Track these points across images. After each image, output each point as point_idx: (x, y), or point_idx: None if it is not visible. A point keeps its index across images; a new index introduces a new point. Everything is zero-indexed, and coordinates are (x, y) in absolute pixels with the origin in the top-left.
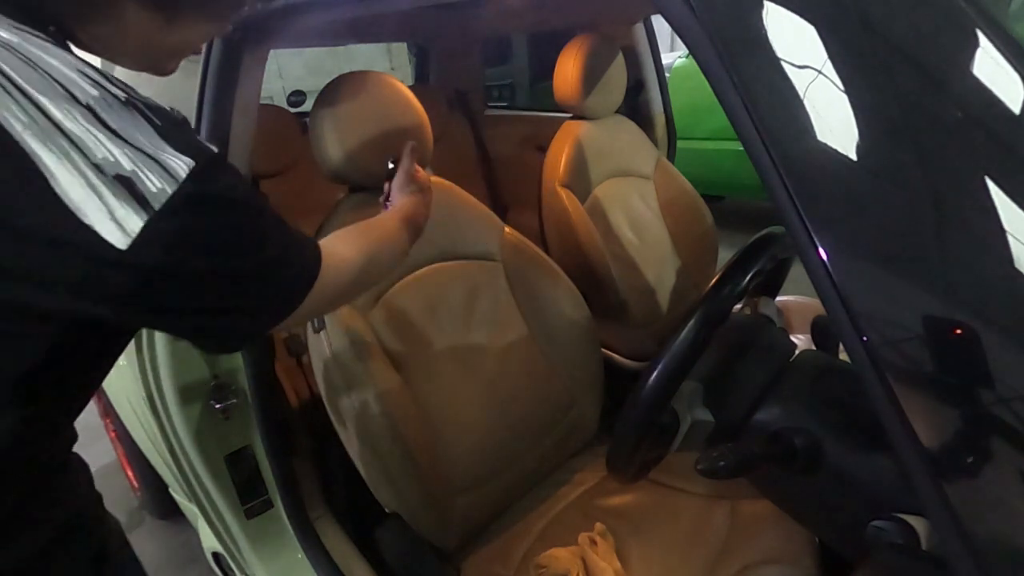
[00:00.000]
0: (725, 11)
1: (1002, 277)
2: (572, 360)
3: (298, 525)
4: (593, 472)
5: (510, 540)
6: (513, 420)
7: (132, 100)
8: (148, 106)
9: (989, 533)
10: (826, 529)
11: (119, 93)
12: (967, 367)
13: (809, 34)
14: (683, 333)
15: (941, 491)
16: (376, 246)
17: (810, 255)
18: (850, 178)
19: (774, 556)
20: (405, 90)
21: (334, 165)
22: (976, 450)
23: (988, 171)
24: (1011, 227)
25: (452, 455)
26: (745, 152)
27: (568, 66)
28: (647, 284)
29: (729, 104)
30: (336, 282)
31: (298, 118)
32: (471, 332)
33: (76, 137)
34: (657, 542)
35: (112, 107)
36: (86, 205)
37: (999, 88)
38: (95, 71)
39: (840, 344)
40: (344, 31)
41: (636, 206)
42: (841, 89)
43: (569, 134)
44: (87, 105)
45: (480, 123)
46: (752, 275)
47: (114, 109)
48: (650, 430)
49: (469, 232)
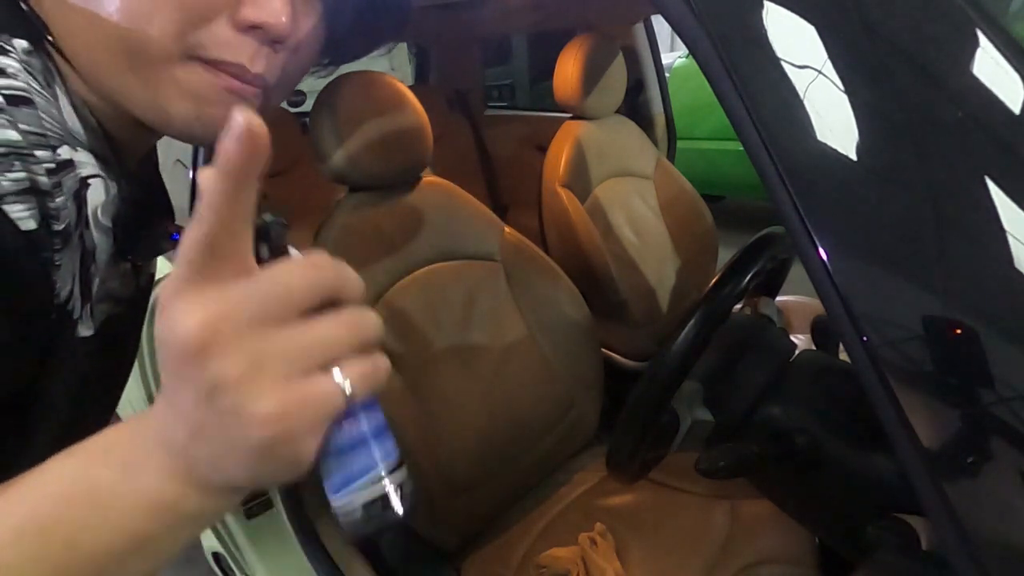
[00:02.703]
0: (725, 11)
1: (1002, 277)
2: (572, 360)
3: (298, 525)
4: (593, 472)
5: (510, 540)
6: (513, 420)
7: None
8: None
9: (989, 533)
10: (826, 529)
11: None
12: (967, 367)
13: (809, 34)
14: (683, 333)
15: (941, 491)
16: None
17: (810, 255)
18: (850, 178)
19: (774, 556)
20: (405, 90)
21: (334, 165)
22: (976, 450)
23: (988, 171)
24: (1011, 227)
25: (452, 455)
26: (745, 152)
27: (568, 66)
28: (647, 284)
29: (729, 104)
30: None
31: (298, 118)
32: (471, 332)
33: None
34: (657, 542)
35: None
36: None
37: (999, 88)
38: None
39: (840, 344)
40: None
41: (636, 206)
42: (841, 89)
43: (569, 134)
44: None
45: (480, 123)
46: (752, 275)
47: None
48: (650, 430)
49: (469, 232)
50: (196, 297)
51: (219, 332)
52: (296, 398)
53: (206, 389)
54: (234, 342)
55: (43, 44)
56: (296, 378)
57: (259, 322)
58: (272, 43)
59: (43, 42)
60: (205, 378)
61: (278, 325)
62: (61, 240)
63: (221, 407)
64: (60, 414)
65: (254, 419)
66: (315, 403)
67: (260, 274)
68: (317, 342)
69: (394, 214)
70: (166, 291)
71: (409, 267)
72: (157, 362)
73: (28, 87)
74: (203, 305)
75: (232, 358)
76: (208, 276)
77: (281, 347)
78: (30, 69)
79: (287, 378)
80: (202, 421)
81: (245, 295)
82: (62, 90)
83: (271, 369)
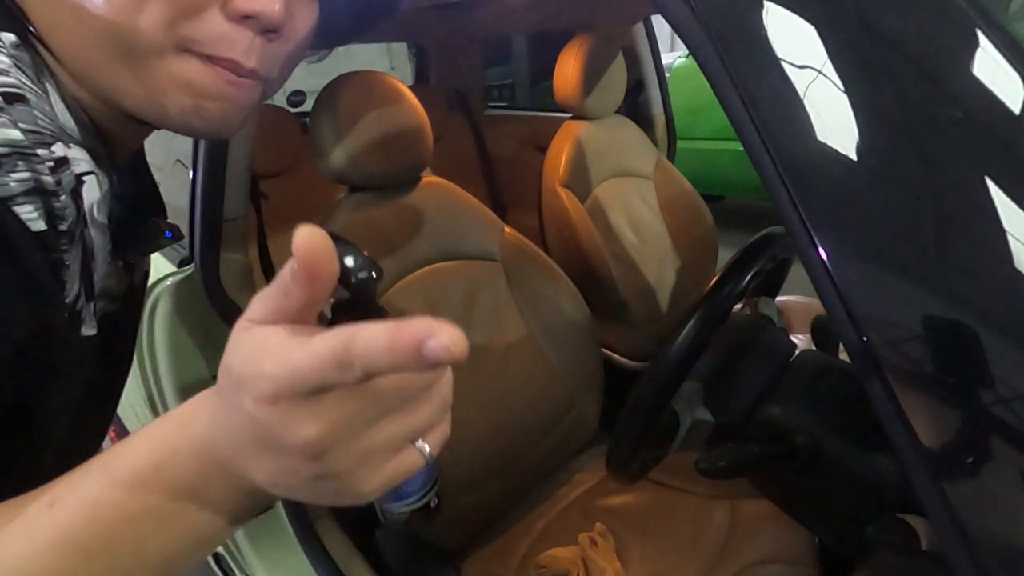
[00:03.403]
0: (725, 11)
1: (1002, 277)
2: (572, 360)
3: (298, 525)
4: (593, 472)
5: (510, 540)
6: (513, 420)
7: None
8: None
9: (989, 533)
10: (826, 529)
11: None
12: (967, 367)
13: (809, 34)
14: (683, 333)
15: (941, 491)
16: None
17: (810, 255)
18: (850, 178)
19: (774, 556)
20: (405, 90)
21: (334, 165)
22: (976, 450)
23: (988, 171)
24: (1011, 227)
25: (452, 455)
26: (745, 152)
27: (568, 66)
28: (647, 284)
29: (729, 104)
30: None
31: (298, 118)
32: (471, 332)
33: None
34: (657, 542)
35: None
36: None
37: (999, 88)
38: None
39: (840, 344)
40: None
41: (636, 206)
42: (841, 89)
43: (569, 134)
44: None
45: (480, 123)
46: (752, 275)
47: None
48: (650, 430)
49: (469, 232)
50: (315, 406)
51: (339, 440)
52: (392, 474)
53: (312, 475)
54: (350, 442)
55: (28, 38)
56: (393, 456)
57: (374, 423)
58: (266, 32)
59: (27, 36)
60: (315, 470)
61: (388, 420)
62: (67, 240)
63: (321, 488)
64: (66, 415)
65: (352, 496)
66: (405, 472)
67: (381, 381)
68: (417, 428)
69: (394, 214)
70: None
71: (409, 267)
72: (156, 360)
73: (20, 83)
74: (323, 415)
75: (346, 456)
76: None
77: (388, 437)
78: (19, 64)
79: (387, 459)
80: (294, 485)
81: (365, 403)
82: (52, 85)
83: (377, 458)
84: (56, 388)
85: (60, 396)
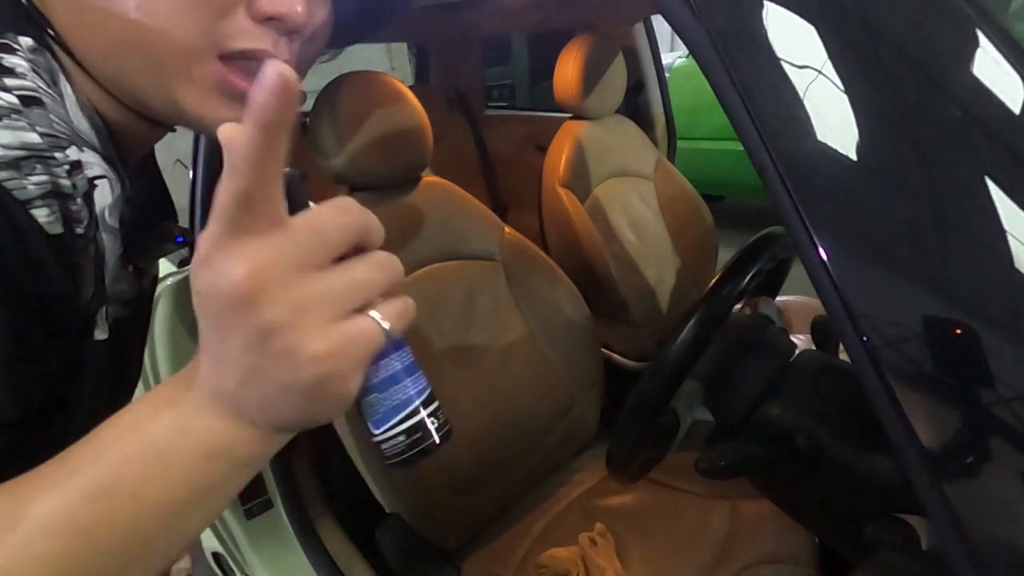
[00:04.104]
0: (725, 11)
1: (1002, 277)
2: (572, 360)
3: (298, 525)
4: (593, 472)
5: (510, 540)
6: (513, 420)
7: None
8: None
9: (989, 533)
10: (826, 529)
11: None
12: (967, 367)
13: (809, 34)
14: (683, 333)
15: (941, 491)
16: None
17: (810, 255)
18: (850, 178)
19: (774, 556)
20: (405, 90)
21: (334, 165)
22: (976, 450)
23: (988, 171)
24: (1011, 227)
25: (452, 455)
26: (745, 152)
27: (568, 66)
28: (647, 284)
29: (729, 104)
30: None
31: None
32: (471, 332)
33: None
34: (657, 542)
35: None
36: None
37: (999, 88)
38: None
39: (840, 344)
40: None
41: (636, 206)
42: (841, 89)
43: (569, 134)
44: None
45: (480, 123)
46: (752, 275)
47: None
48: (650, 430)
49: (469, 232)
50: (238, 248)
51: (265, 280)
52: (341, 337)
53: (256, 335)
54: (280, 289)
55: (45, 40)
56: (339, 319)
57: (300, 268)
58: (289, 33)
59: (45, 38)
60: (255, 325)
61: (317, 270)
62: (83, 243)
63: (272, 351)
64: (79, 421)
65: (305, 360)
66: (359, 341)
67: (295, 222)
68: (354, 284)
69: (394, 214)
70: (204, 246)
71: (409, 267)
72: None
73: (37, 87)
74: (247, 255)
75: (280, 304)
76: (245, 228)
77: (323, 290)
78: (36, 68)
79: (331, 319)
80: (253, 366)
81: (285, 243)
82: (67, 88)
83: (316, 312)
84: (69, 394)
85: (73, 402)
